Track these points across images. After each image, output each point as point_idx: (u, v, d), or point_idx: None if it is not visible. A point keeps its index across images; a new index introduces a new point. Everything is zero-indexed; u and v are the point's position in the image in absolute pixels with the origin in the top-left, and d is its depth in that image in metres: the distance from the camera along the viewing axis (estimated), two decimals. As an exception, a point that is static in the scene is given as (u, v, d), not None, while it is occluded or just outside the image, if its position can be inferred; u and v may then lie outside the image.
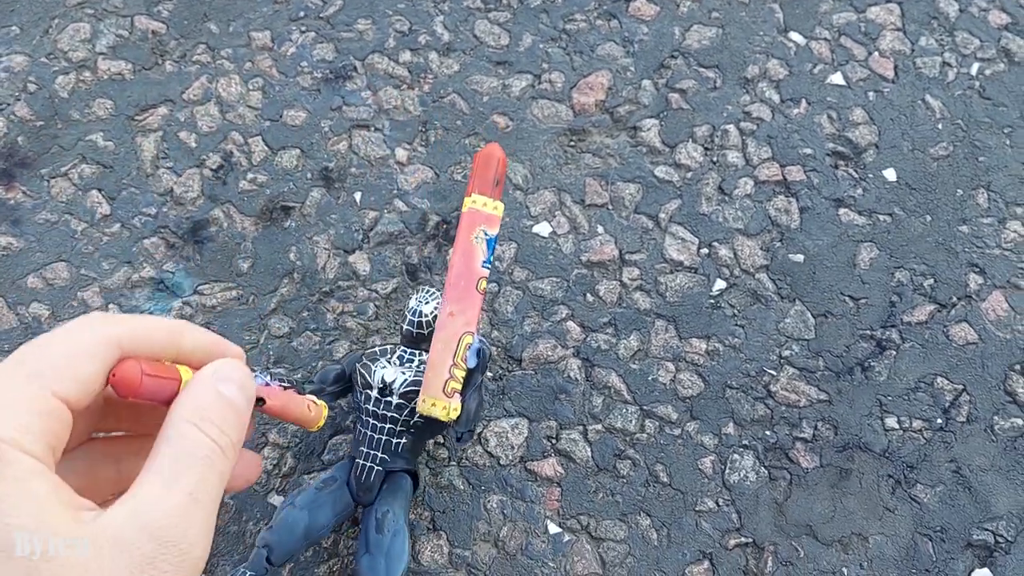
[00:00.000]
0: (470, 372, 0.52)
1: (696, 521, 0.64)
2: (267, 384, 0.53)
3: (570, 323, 0.70)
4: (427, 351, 0.58)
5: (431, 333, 0.57)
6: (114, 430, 0.32)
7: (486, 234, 0.45)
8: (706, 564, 0.63)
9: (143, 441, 0.31)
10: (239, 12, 0.81)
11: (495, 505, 0.64)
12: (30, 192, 0.73)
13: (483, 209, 0.46)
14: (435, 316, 0.58)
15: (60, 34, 0.79)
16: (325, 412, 0.43)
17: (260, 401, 0.33)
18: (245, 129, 0.76)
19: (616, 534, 0.63)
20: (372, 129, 0.76)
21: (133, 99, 0.77)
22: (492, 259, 0.45)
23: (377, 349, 0.60)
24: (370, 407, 0.58)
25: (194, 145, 0.75)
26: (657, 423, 0.67)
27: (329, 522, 0.57)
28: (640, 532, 0.64)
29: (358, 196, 0.74)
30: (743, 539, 0.64)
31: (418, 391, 0.55)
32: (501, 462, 0.65)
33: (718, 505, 0.64)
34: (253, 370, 0.53)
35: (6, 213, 0.72)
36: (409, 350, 0.59)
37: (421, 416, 0.55)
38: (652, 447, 0.66)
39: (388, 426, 0.57)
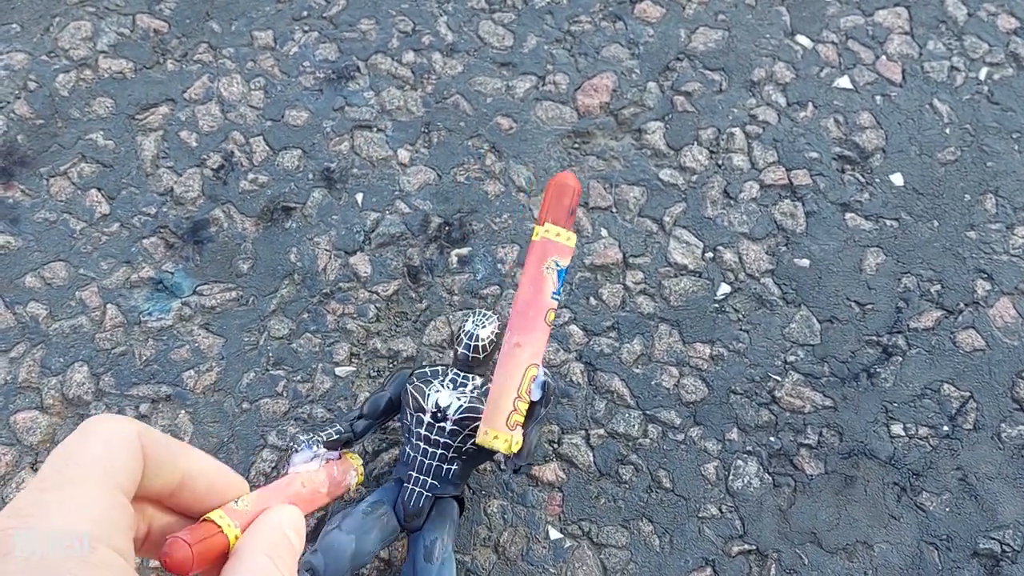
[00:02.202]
0: (532, 405, 0.51)
1: (699, 528, 0.63)
2: (315, 454, 0.52)
3: (573, 327, 0.69)
4: (480, 375, 0.57)
5: (486, 358, 0.56)
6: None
7: (557, 265, 0.43)
8: (709, 571, 0.62)
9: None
10: (242, 11, 0.80)
11: (496, 510, 0.63)
12: (29, 191, 0.73)
13: (556, 239, 0.43)
14: (491, 341, 0.56)
15: (61, 32, 0.79)
16: (359, 469, 0.42)
17: None
18: (246, 129, 0.76)
19: (618, 540, 0.63)
20: (374, 130, 0.76)
21: (134, 98, 0.77)
22: (562, 291, 0.43)
23: (428, 370, 0.58)
24: (422, 431, 0.56)
25: (195, 145, 0.75)
26: (660, 428, 0.66)
27: (376, 548, 0.55)
28: (642, 538, 0.63)
29: (360, 197, 0.73)
30: (746, 546, 0.63)
31: (473, 418, 0.54)
32: (502, 466, 0.65)
33: (721, 511, 0.64)
34: (302, 439, 0.53)
35: (4, 212, 0.72)
36: (463, 374, 0.57)
37: (474, 443, 0.54)
38: (655, 452, 0.65)
39: (440, 451, 0.56)
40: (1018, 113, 0.77)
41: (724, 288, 0.71)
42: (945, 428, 0.66)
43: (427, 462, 0.56)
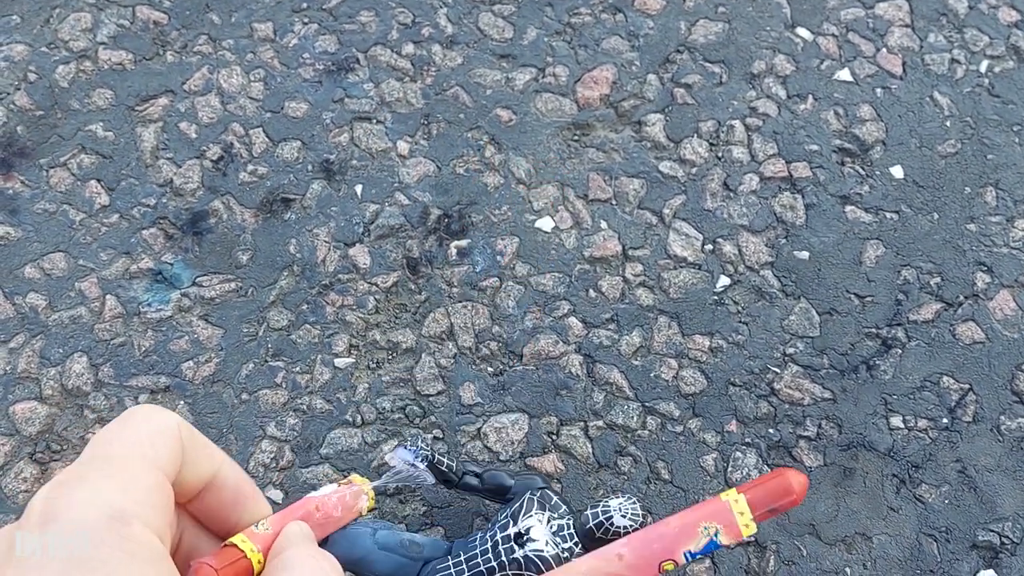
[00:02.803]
0: None
1: (698, 519, 0.63)
2: (414, 459, 0.53)
3: (572, 319, 0.69)
4: (586, 547, 0.54)
5: (602, 541, 0.53)
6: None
7: (716, 535, 0.38)
8: (707, 563, 0.62)
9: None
10: (241, 3, 0.80)
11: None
12: (29, 182, 0.73)
13: (736, 516, 0.38)
14: (624, 528, 0.53)
15: (61, 23, 0.79)
16: (370, 494, 0.41)
17: None
18: (246, 120, 0.75)
19: (616, 532, 0.63)
20: (374, 121, 0.76)
21: (134, 89, 0.77)
22: (694, 559, 0.39)
23: (556, 500, 0.56)
24: (498, 537, 0.54)
25: (194, 136, 0.75)
26: (659, 420, 0.66)
27: (382, 573, 0.54)
28: (641, 530, 0.63)
29: (359, 189, 0.73)
30: (745, 538, 0.63)
31: (537, 567, 0.52)
32: (501, 457, 0.65)
33: (720, 503, 0.64)
34: (417, 443, 0.53)
35: (4, 202, 0.72)
36: (572, 532, 0.54)
37: None
38: (654, 444, 0.65)
39: (493, 565, 0.53)
40: (1019, 106, 0.77)
41: (723, 280, 0.71)
42: (944, 420, 0.66)
43: (478, 565, 0.53)
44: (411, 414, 0.66)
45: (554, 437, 0.65)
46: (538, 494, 0.55)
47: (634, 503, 0.54)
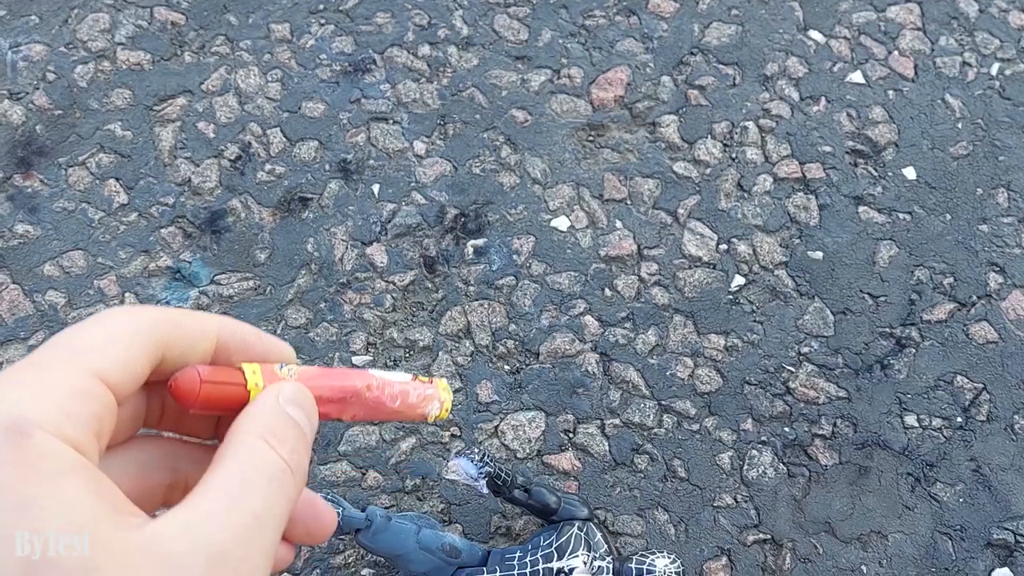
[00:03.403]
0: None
1: (714, 517, 0.64)
2: (477, 473, 0.53)
3: (588, 317, 0.70)
4: None
5: None
6: (163, 430, 0.28)
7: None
8: (724, 560, 0.62)
9: (206, 450, 0.27)
10: (258, 4, 0.81)
11: (512, 498, 0.63)
12: (48, 180, 0.73)
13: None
14: (663, 573, 0.55)
15: (79, 24, 0.79)
16: (446, 404, 0.33)
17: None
18: (263, 120, 0.76)
19: (633, 529, 0.63)
20: (391, 122, 0.76)
21: (152, 89, 0.77)
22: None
23: (600, 539, 0.56)
24: (538, 565, 0.54)
25: (212, 136, 0.75)
26: (675, 418, 0.67)
27: (419, 571, 0.55)
28: (658, 527, 0.63)
29: (376, 188, 0.74)
30: (761, 535, 0.63)
31: None
32: (518, 455, 0.65)
33: (736, 501, 0.64)
34: (466, 454, 0.53)
35: (24, 201, 0.72)
36: (610, 572, 0.56)
37: None
38: (670, 442, 0.66)
39: None
40: (1030, 108, 0.78)
41: (738, 280, 0.71)
42: (959, 419, 0.67)
43: None
44: (429, 411, 0.66)
45: (571, 435, 0.66)
46: (584, 530, 0.56)
47: (679, 568, 0.55)
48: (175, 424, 0.27)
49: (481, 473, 0.54)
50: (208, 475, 0.22)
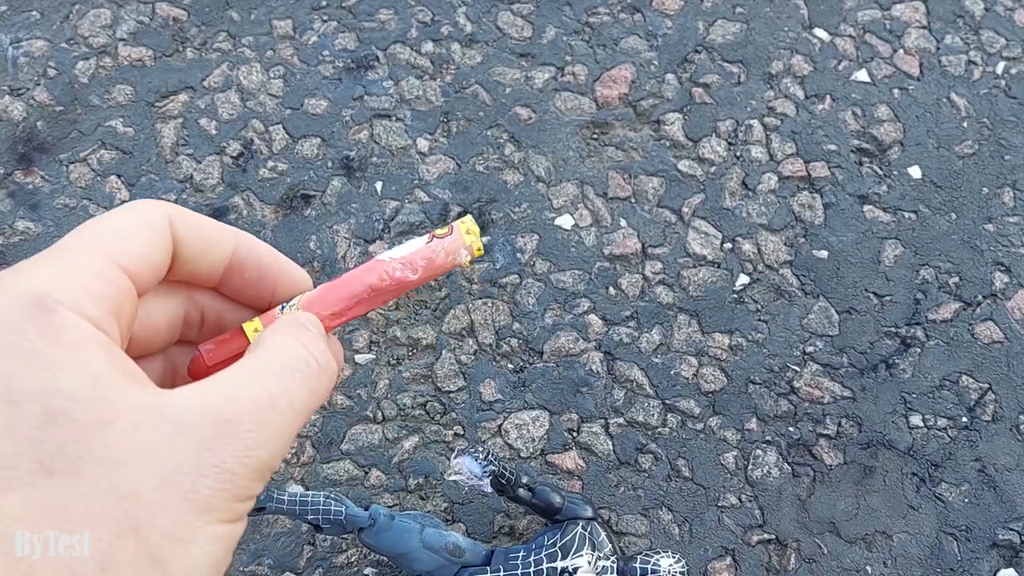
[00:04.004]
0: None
1: (718, 517, 0.63)
2: (482, 472, 0.52)
3: (592, 316, 0.69)
4: None
5: None
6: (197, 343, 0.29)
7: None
8: (728, 560, 0.62)
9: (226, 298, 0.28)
10: (260, 0, 0.80)
11: (516, 497, 0.63)
12: (48, 177, 0.73)
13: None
14: (667, 573, 0.55)
15: (81, 19, 0.79)
16: (475, 245, 0.30)
17: None
18: (266, 117, 0.76)
19: (637, 528, 0.63)
20: (394, 119, 0.76)
21: (153, 85, 0.77)
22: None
23: (604, 539, 0.56)
24: (542, 565, 0.54)
25: (214, 132, 0.75)
26: (679, 417, 0.66)
27: (422, 570, 0.55)
28: (662, 527, 0.63)
29: (379, 186, 0.73)
30: (766, 535, 0.63)
31: None
32: (522, 454, 0.65)
33: (741, 501, 0.64)
34: (470, 452, 0.53)
35: (25, 198, 0.72)
36: (614, 572, 0.56)
37: None
38: (674, 441, 0.65)
39: None
40: (1036, 107, 0.78)
41: (743, 279, 0.71)
42: (964, 419, 0.66)
43: None
44: (432, 410, 0.66)
45: (575, 434, 0.66)
46: (588, 529, 0.56)
47: (683, 568, 0.55)
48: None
49: (485, 472, 0.54)
50: (236, 363, 0.23)
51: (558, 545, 0.55)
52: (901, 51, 0.80)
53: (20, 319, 0.20)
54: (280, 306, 0.27)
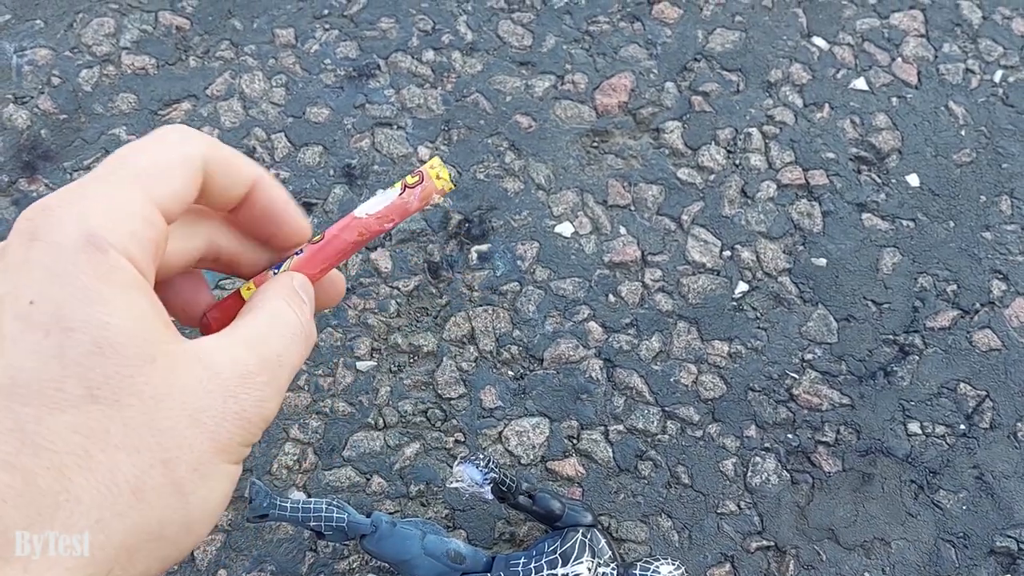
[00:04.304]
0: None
1: (718, 523, 0.64)
2: (483, 479, 0.53)
3: (592, 323, 0.70)
4: None
5: None
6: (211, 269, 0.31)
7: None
8: (728, 567, 0.62)
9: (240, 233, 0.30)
10: (263, 9, 0.81)
11: (516, 504, 0.63)
12: (52, 185, 0.73)
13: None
14: None
15: (84, 28, 0.80)
16: (444, 187, 0.30)
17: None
18: (268, 125, 0.76)
19: (637, 535, 0.63)
20: (395, 127, 0.76)
21: (156, 94, 0.77)
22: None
23: (604, 546, 0.56)
24: (543, 572, 0.54)
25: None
26: (679, 424, 0.67)
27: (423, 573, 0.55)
28: (661, 533, 0.63)
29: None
30: (765, 542, 0.63)
31: None
32: (522, 461, 0.65)
33: (740, 508, 0.64)
34: (471, 459, 0.53)
35: (28, 206, 0.72)
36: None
37: None
38: (674, 449, 0.66)
39: None
40: (1033, 116, 0.78)
41: (742, 286, 0.71)
42: (962, 427, 0.67)
43: None
44: (433, 417, 0.66)
45: (575, 441, 0.66)
46: (589, 536, 0.56)
47: (683, 574, 0.55)
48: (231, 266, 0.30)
49: (487, 479, 0.54)
50: (241, 318, 0.26)
51: (558, 552, 0.55)
52: (899, 59, 0.80)
53: (75, 253, 0.21)
54: (273, 268, 0.29)
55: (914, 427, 0.67)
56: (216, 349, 0.24)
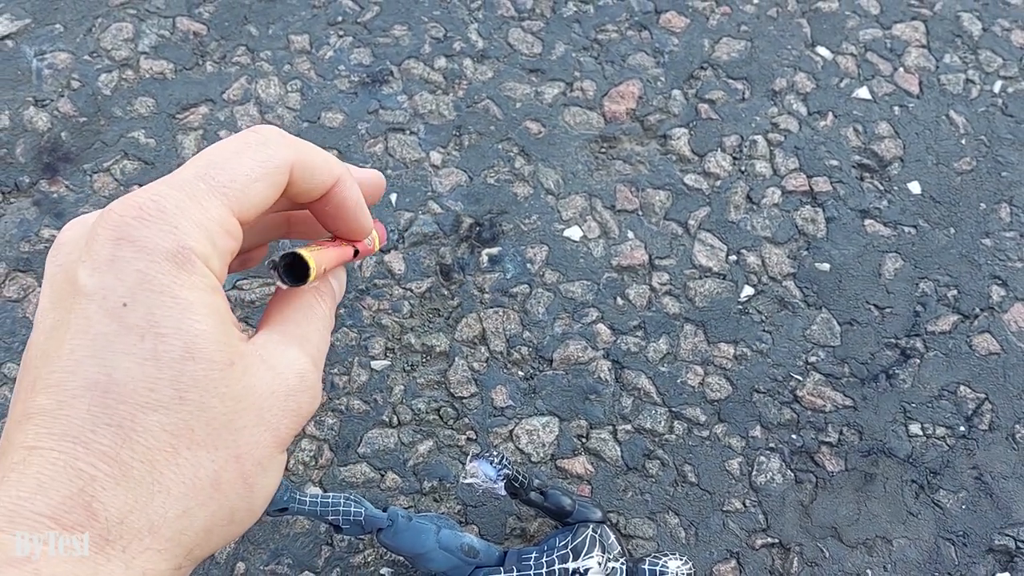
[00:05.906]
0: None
1: (723, 521, 0.65)
2: (497, 475, 0.54)
3: (600, 325, 0.71)
4: None
5: None
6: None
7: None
8: (733, 563, 0.64)
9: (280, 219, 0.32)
10: (278, 15, 0.83)
11: (527, 501, 0.65)
12: (73, 186, 0.75)
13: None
14: (675, 575, 0.57)
15: (103, 33, 0.81)
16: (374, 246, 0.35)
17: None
18: (284, 130, 0.78)
19: (645, 532, 0.65)
20: (407, 132, 0.78)
21: (174, 98, 0.79)
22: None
23: (614, 541, 0.58)
24: (554, 566, 0.56)
25: (233, 144, 0.77)
26: (686, 425, 0.68)
27: (438, 570, 0.57)
28: (668, 531, 0.65)
29: (394, 197, 0.75)
30: (769, 539, 0.65)
31: None
32: (533, 459, 0.67)
33: (745, 506, 0.66)
34: (485, 456, 0.55)
35: (49, 206, 0.74)
36: (623, 573, 0.57)
37: None
38: (680, 448, 0.67)
39: None
40: (1032, 125, 0.80)
41: (747, 290, 0.73)
42: (961, 428, 0.68)
43: None
44: (445, 415, 0.68)
45: (584, 440, 0.67)
46: (598, 532, 0.58)
47: (690, 570, 0.57)
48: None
49: (500, 475, 0.56)
50: (281, 312, 0.28)
51: (569, 547, 0.57)
52: (901, 69, 0.82)
53: (164, 261, 0.23)
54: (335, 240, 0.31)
55: (915, 428, 0.68)
56: (275, 351, 0.26)
